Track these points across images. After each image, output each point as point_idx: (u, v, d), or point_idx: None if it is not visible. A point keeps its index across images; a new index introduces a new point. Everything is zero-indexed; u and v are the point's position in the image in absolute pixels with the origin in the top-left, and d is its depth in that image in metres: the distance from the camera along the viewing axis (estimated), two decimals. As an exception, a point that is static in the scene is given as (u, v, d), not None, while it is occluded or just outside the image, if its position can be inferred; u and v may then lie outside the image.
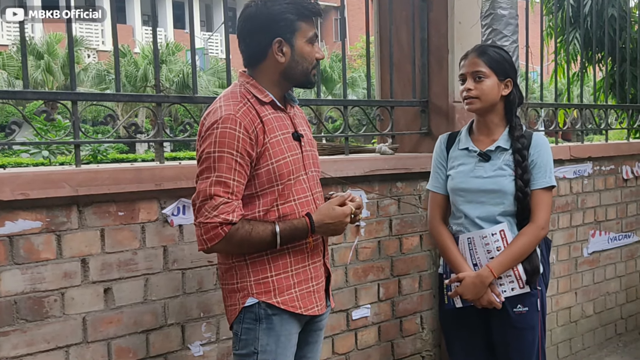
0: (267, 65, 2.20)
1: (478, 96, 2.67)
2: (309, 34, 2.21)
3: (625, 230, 4.94)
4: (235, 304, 2.22)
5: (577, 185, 4.48)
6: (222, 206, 2.05)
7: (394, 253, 3.50)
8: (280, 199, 2.18)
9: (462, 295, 2.70)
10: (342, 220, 2.22)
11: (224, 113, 2.08)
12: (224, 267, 2.24)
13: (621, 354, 4.75)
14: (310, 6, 2.20)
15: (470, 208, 2.74)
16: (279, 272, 2.19)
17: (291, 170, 2.19)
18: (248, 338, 2.19)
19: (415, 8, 3.73)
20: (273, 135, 2.16)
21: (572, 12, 4.69)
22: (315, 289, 2.29)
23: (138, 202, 2.57)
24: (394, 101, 3.69)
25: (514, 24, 3.31)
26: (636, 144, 5.06)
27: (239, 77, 2.25)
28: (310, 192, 2.28)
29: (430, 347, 3.72)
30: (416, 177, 3.55)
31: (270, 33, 2.16)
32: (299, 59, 2.20)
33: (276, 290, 2.19)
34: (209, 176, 2.07)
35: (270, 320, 2.19)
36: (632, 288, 5.07)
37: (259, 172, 2.14)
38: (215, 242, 2.07)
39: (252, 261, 2.18)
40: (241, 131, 2.07)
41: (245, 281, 2.19)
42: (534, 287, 2.71)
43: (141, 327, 2.59)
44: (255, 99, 2.17)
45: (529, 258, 2.68)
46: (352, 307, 3.34)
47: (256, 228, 2.11)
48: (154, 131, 2.82)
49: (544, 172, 2.68)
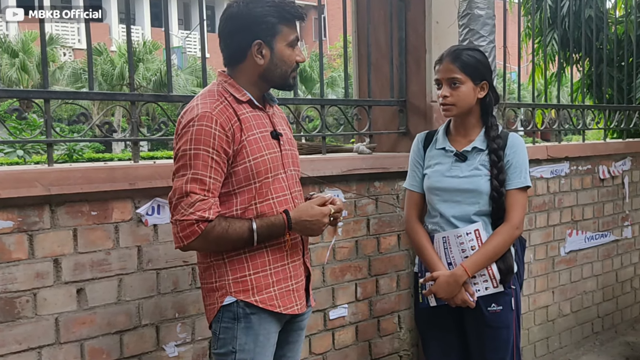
0: (246, 66, 2.21)
1: (454, 103, 2.69)
2: (290, 38, 2.21)
3: (602, 230, 4.98)
4: (213, 303, 2.21)
5: (554, 184, 4.51)
6: (198, 203, 2.04)
7: (371, 252, 3.49)
8: (258, 197, 2.18)
9: (436, 294, 2.72)
10: (320, 220, 2.21)
11: (200, 111, 2.08)
12: (203, 266, 2.23)
13: (598, 353, 4.79)
14: (293, 10, 2.20)
15: (446, 207, 2.75)
16: (257, 270, 2.18)
17: (269, 168, 2.18)
18: (226, 337, 2.19)
19: (393, 8, 3.72)
20: (250, 133, 2.15)
21: (550, 13, 4.71)
22: (294, 288, 2.28)
23: (111, 202, 2.54)
24: (371, 100, 3.68)
25: (490, 24, 3.31)
26: (613, 144, 5.11)
27: (218, 76, 2.25)
28: (289, 191, 2.28)
29: (408, 347, 3.71)
30: (394, 176, 3.54)
31: (251, 35, 2.16)
32: (278, 62, 2.21)
33: (254, 288, 2.18)
34: (185, 173, 2.06)
35: (248, 319, 2.18)
36: (608, 287, 5.11)
37: (236, 169, 2.13)
38: (192, 240, 2.06)
39: (230, 260, 2.17)
40: (217, 128, 2.07)
41: (224, 280, 2.18)
42: (508, 287, 2.72)
43: (115, 327, 2.56)
44: (232, 98, 2.17)
45: (503, 257, 2.69)
46: (330, 307, 3.33)
47: (233, 225, 2.10)
48: (129, 130, 2.79)
49: (519, 172, 2.70)
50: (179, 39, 31.61)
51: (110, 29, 30.12)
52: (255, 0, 2.17)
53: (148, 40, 27.28)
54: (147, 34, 30.80)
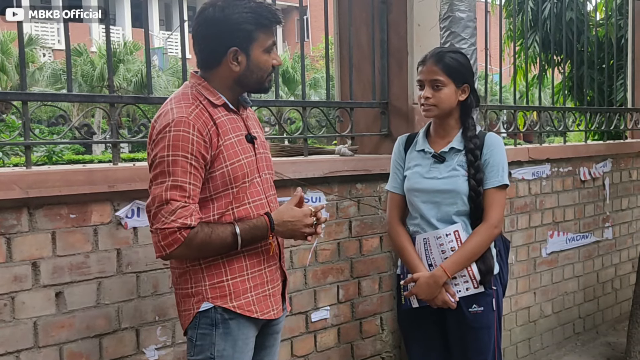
0: (220, 71, 2.16)
1: (435, 104, 2.70)
2: (267, 43, 2.16)
3: (583, 231, 5.01)
4: (189, 309, 2.17)
5: (535, 186, 4.53)
6: (179, 210, 1.99)
7: (353, 254, 3.49)
8: (235, 202, 2.15)
9: (417, 295, 2.73)
10: (302, 220, 2.19)
11: (175, 116, 2.03)
12: (178, 271, 2.19)
13: (579, 353, 4.82)
14: (270, 15, 2.14)
15: (426, 208, 2.76)
16: (234, 275, 2.16)
17: (246, 172, 2.16)
18: (204, 343, 2.15)
19: (375, 10, 3.73)
20: (227, 137, 2.12)
21: (532, 16, 4.74)
22: (271, 293, 2.26)
23: (90, 204, 2.52)
24: (353, 102, 3.68)
25: (472, 26, 3.32)
26: (593, 146, 5.14)
27: (190, 78, 2.20)
28: (265, 195, 2.25)
29: (390, 348, 3.71)
30: (376, 178, 3.54)
31: (226, 41, 2.11)
32: (254, 68, 2.16)
33: (232, 294, 2.15)
34: (163, 181, 2.01)
35: (227, 324, 2.15)
36: (589, 288, 5.15)
37: (213, 175, 2.10)
38: (174, 248, 2.01)
39: (207, 265, 2.14)
40: (195, 134, 2.02)
41: (200, 286, 2.14)
42: (489, 287, 2.73)
43: (94, 331, 2.54)
44: (207, 101, 2.13)
45: (483, 258, 2.70)
46: (312, 309, 3.32)
47: (216, 230, 2.07)
48: (108, 132, 2.77)
49: (497, 171, 2.71)
50: (160, 40, 31.46)
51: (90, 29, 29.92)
52: (232, 5, 2.10)
53: (129, 41, 27.07)
54: (127, 34, 30.61)
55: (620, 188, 5.40)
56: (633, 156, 5.51)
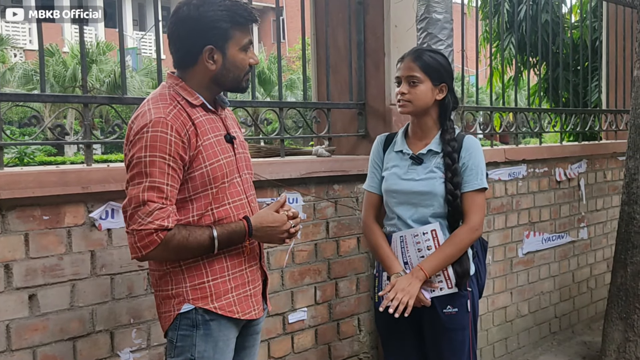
0: (197, 70, 2.15)
1: (411, 100, 2.70)
2: (243, 42, 2.15)
3: (559, 231, 5.05)
4: (170, 310, 2.15)
5: (512, 187, 4.56)
6: (156, 212, 1.97)
7: (331, 255, 3.49)
8: (215, 203, 2.14)
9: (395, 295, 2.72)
10: (280, 226, 2.19)
11: (153, 116, 2.01)
12: (158, 273, 2.17)
13: (555, 352, 4.86)
14: (246, 13, 2.13)
15: (403, 209, 2.76)
16: (215, 277, 2.15)
17: (225, 173, 2.14)
18: (184, 345, 2.14)
19: (352, 11, 3.73)
20: (206, 137, 2.11)
21: (508, 17, 4.77)
22: (252, 293, 2.25)
23: (64, 206, 2.49)
24: (330, 103, 3.68)
25: (448, 28, 3.34)
26: (569, 147, 5.19)
27: (167, 78, 2.19)
28: (245, 195, 2.25)
29: (368, 349, 3.71)
30: (353, 179, 3.54)
31: (202, 40, 2.10)
32: (230, 66, 2.15)
33: (213, 295, 2.14)
34: (140, 181, 1.99)
35: (207, 325, 2.14)
36: (565, 287, 5.19)
37: (192, 175, 2.08)
38: (151, 250, 1.99)
39: (188, 267, 2.12)
40: (173, 134, 2.01)
41: (181, 287, 2.13)
42: (464, 289, 2.74)
43: (68, 334, 2.51)
44: (185, 101, 2.11)
45: (460, 260, 2.71)
46: (289, 311, 3.31)
47: (193, 233, 2.05)
48: (81, 132, 2.74)
49: (476, 174, 2.71)
50: (134, 40, 31.20)
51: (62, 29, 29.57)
52: (207, 3, 2.08)
53: (102, 41, 26.76)
54: (100, 34, 30.27)
55: (595, 188, 5.46)
56: (607, 157, 5.57)
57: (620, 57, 5.91)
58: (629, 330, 4.19)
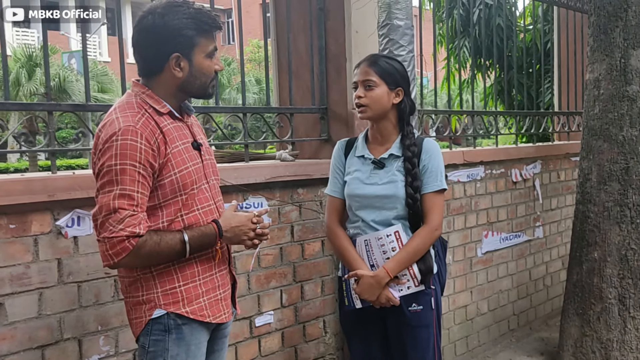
0: (163, 78, 2.16)
1: (367, 104, 2.77)
2: (209, 49, 2.17)
3: (516, 230, 5.17)
4: (141, 316, 2.16)
5: (470, 188, 4.66)
6: (127, 219, 1.99)
7: (296, 259, 3.52)
8: (184, 209, 2.16)
9: (360, 295, 2.79)
10: (247, 224, 2.23)
11: (122, 125, 2.02)
12: (128, 280, 2.18)
13: (514, 349, 4.97)
14: (210, 20, 2.15)
15: (366, 213, 2.82)
16: (187, 281, 2.17)
17: (194, 179, 2.17)
18: (157, 350, 2.15)
19: (313, 17, 3.77)
20: (174, 145, 2.12)
21: (462, 21, 4.87)
22: (222, 297, 2.28)
23: (30, 214, 2.48)
24: (293, 108, 3.71)
25: (409, 34, 3.40)
26: (524, 148, 5.32)
27: (133, 86, 2.19)
28: (213, 201, 2.27)
29: (333, 351, 3.76)
30: (317, 183, 3.58)
31: (168, 48, 2.11)
32: (197, 73, 2.17)
33: (185, 300, 2.16)
34: (111, 189, 1.99)
35: (180, 330, 2.16)
36: (522, 285, 5.31)
37: (162, 183, 2.10)
38: (123, 257, 2.00)
39: (159, 272, 2.14)
40: (142, 142, 2.02)
41: (152, 293, 2.14)
42: (428, 286, 2.81)
43: (36, 342, 2.50)
44: (152, 110, 2.12)
45: (423, 258, 2.78)
46: (255, 314, 3.34)
47: (164, 238, 2.07)
48: (46, 140, 2.72)
49: (435, 176, 2.79)
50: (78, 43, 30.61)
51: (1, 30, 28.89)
52: (171, 12, 2.10)
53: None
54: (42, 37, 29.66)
55: (550, 188, 5.60)
56: (561, 158, 5.72)
57: (571, 60, 6.08)
58: (585, 325, 4.32)
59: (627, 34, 4.19)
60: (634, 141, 4.19)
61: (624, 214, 4.20)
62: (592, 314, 4.29)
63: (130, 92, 2.19)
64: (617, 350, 4.16)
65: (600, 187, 4.29)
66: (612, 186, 4.24)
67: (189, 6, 2.13)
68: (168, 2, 2.12)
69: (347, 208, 2.90)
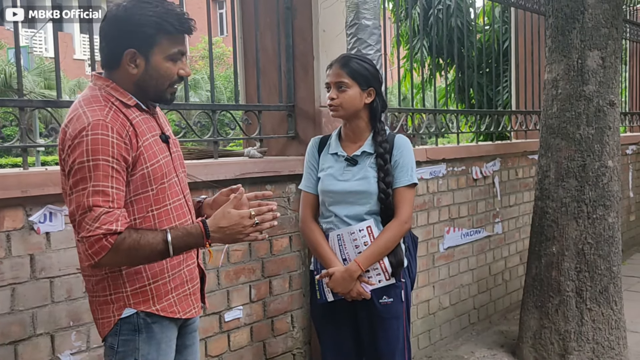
0: (120, 72, 2.09)
1: (340, 104, 2.84)
2: (170, 51, 2.08)
3: (476, 226, 5.29)
4: (109, 316, 2.10)
5: (433, 185, 4.75)
6: (103, 216, 1.90)
7: (264, 255, 3.57)
8: (155, 204, 2.09)
9: (332, 289, 2.85)
10: (240, 223, 2.09)
11: (91, 119, 1.95)
12: (95, 279, 2.10)
13: (475, 342, 5.08)
14: (177, 23, 2.07)
15: (339, 208, 2.88)
16: (156, 279, 2.11)
17: (164, 173, 2.11)
18: (127, 349, 2.10)
19: (280, 15, 3.82)
20: (145, 138, 2.07)
21: (420, 21, 4.94)
22: (191, 292, 2.25)
23: (3, 210, 2.48)
24: (262, 106, 3.75)
25: (377, 33, 3.47)
26: (484, 146, 5.43)
27: (96, 80, 2.12)
28: (182, 195, 2.23)
29: (301, 345, 3.81)
30: (285, 179, 3.63)
31: (125, 42, 2.04)
32: (153, 73, 2.08)
33: (155, 297, 2.11)
34: (85, 187, 1.91)
35: (150, 328, 2.12)
36: (482, 280, 5.44)
37: (133, 177, 2.03)
38: (102, 255, 1.91)
39: (127, 270, 2.07)
40: (114, 136, 1.95)
41: (121, 292, 2.08)
42: (399, 280, 2.89)
43: (9, 338, 2.50)
44: (119, 102, 2.06)
45: (394, 252, 2.86)
46: (225, 309, 3.37)
47: (145, 237, 1.99)
48: (18, 136, 2.72)
49: (406, 171, 2.87)
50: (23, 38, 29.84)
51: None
52: (136, 7, 2.03)
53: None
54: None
55: (508, 185, 5.74)
56: (519, 155, 5.86)
57: (528, 61, 6.23)
58: (544, 317, 4.45)
59: (584, 36, 4.33)
60: (590, 139, 4.34)
61: (580, 209, 4.34)
62: (550, 307, 4.42)
63: (92, 86, 2.11)
64: (575, 341, 4.31)
65: (558, 184, 4.42)
66: (570, 183, 4.37)
67: (159, 4, 2.06)
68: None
69: (321, 203, 2.96)
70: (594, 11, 4.31)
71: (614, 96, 4.38)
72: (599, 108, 4.34)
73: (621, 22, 4.52)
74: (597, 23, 4.32)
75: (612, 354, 4.31)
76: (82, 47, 30.80)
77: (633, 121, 8.89)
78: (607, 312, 4.33)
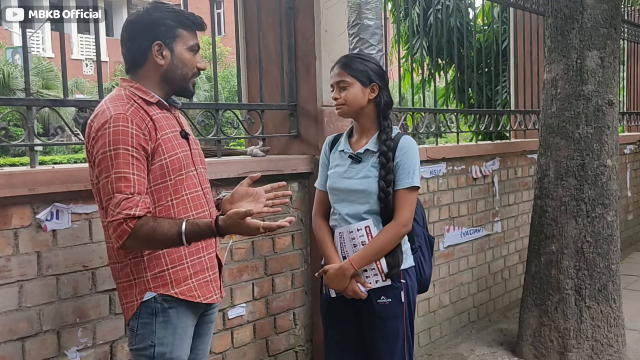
0: (147, 68, 2.28)
1: (344, 103, 2.87)
2: (190, 42, 2.30)
3: (476, 225, 5.33)
4: (132, 300, 2.25)
5: (433, 184, 4.79)
6: (123, 202, 2.07)
7: (267, 253, 3.60)
8: (174, 194, 2.24)
9: (328, 285, 2.92)
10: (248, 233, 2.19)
11: (113, 113, 2.13)
12: (120, 265, 2.26)
13: (475, 340, 5.11)
14: (192, 17, 2.30)
15: (342, 206, 2.92)
16: (174, 264, 2.25)
17: (182, 165, 2.26)
18: (145, 332, 2.24)
19: (282, 15, 3.84)
20: (164, 132, 2.23)
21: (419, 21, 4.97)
22: (212, 279, 2.38)
23: (10, 208, 2.50)
24: (264, 105, 3.78)
25: (379, 33, 3.50)
26: (483, 146, 5.47)
27: (121, 82, 2.30)
28: (201, 187, 2.36)
29: (303, 342, 3.85)
30: (287, 178, 3.64)
31: (151, 36, 2.24)
32: (178, 63, 2.29)
33: (173, 282, 2.25)
34: (108, 175, 2.10)
35: (166, 313, 2.24)
36: (482, 278, 5.47)
37: (153, 167, 2.19)
38: (125, 239, 2.09)
39: (149, 256, 2.22)
40: (133, 127, 2.12)
41: (142, 276, 2.23)
42: (398, 281, 2.89)
43: (16, 334, 2.52)
44: (141, 100, 2.23)
45: (392, 253, 2.87)
46: (228, 307, 3.40)
47: (161, 226, 2.12)
48: (25, 135, 2.75)
49: (407, 173, 2.85)
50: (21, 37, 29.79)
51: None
52: (155, 8, 2.26)
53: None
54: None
55: (507, 185, 5.77)
56: (518, 155, 5.89)
57: (527, 61, 6.26)
58: (543, 315, 4.48)
59: (583, 36, 4.37)
60: (589, 138, 4.37)
61: (580, 208, 4.38)
62: (550, 305, 4.46)
63: (118, 87, 2.29)
64: (574, 338, 4.34)
65: (557, 183, 4.46)
66: (569, 181, 4.41)
67: (172, 6, 2.30)
68: (154, 1, 2.29)
69: (329, 200, 3.00)
70: (593, 11, 4.35)
71: (612, 96, 4.42)
72: (598, 107, 4.38)
73: (620, 22, 4.56)
74: (596, 23, 4.36)
75: (610, 351, 4.35)
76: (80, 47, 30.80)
77: (631, 121, 8.94)
78: (606, 310, 4.37)
